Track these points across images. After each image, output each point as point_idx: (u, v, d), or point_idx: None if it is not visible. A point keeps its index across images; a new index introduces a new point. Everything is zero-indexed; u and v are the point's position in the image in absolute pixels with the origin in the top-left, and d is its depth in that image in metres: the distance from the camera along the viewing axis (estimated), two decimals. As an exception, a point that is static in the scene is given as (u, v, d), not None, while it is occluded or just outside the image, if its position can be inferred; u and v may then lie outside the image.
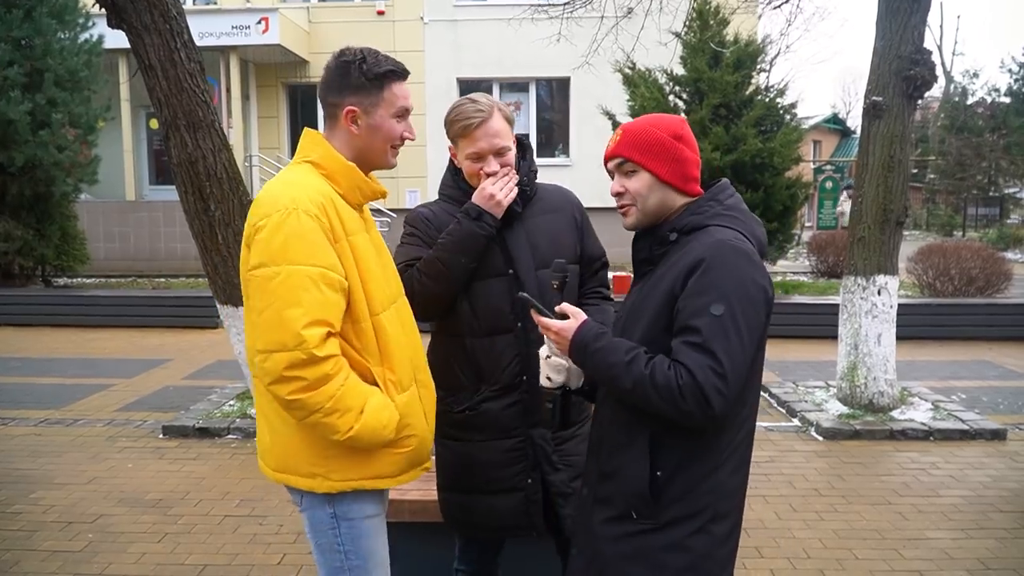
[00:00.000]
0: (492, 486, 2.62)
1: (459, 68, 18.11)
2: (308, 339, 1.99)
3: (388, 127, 2.21)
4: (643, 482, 1.96)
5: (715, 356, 1.80)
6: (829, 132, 37.79)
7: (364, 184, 2.23)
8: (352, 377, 2.10)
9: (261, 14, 16.59)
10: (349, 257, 2.12)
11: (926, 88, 6.36)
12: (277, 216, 2.04)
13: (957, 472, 5.35)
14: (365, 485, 2.21)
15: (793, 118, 12.45)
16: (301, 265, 2.02)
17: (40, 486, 5.07)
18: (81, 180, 13.71)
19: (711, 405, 1.79)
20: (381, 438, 2.14)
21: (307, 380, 2.01)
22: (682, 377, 1.81)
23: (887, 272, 6.46)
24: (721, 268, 1.87)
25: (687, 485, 1.95)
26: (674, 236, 2.03)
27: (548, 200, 2.71)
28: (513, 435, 2.60)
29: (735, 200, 2.08)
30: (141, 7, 5.07)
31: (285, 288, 2.01)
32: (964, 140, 31.89)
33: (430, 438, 2.40)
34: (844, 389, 6.64)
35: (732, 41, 11.76)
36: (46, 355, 9.30)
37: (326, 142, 2.22)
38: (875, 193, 6.41)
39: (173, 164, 5.54)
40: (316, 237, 2.05)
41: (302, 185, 2.12)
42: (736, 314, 1.83)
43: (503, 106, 2.59)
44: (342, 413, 2.06)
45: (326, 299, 2.04)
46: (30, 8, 12.54)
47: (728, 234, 1.95)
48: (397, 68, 2.20)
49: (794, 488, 5.08)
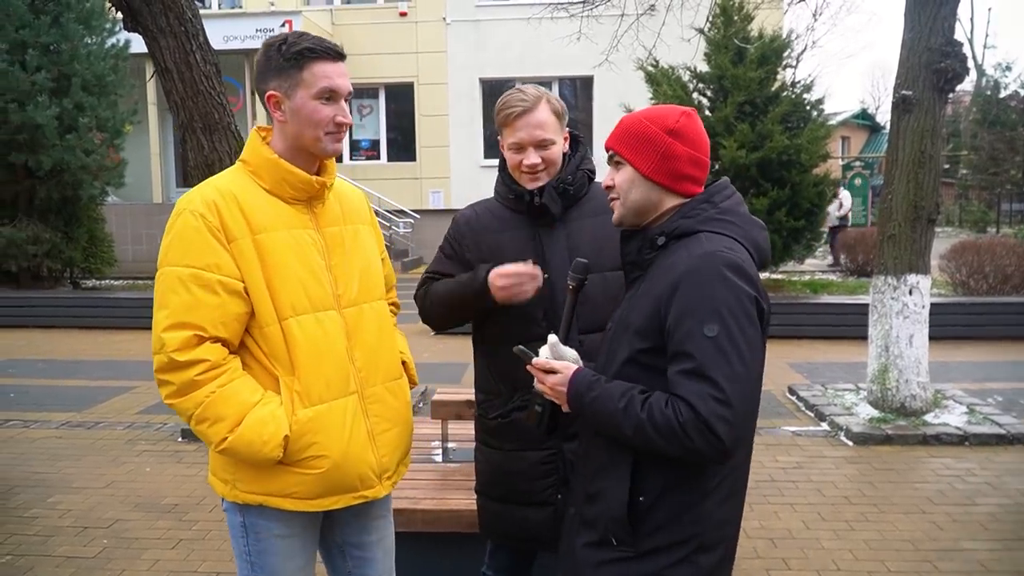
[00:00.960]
0: (524, 497, 2.54)
1: (482, 68, 18.07)
2: (167, 342, 1.93)
3: (311, 109, 2.04)
4: (622, 507, 1.84)
5: (715, 383, 1.67)
6: (858, 128, 37.29)
7: (291, 176, 2.08)
8: (233, 386, 1.99)
9: (285, 17, 16.66)
10: (250, 257, 2.01)
11: (957, 81, 6.18)
12: (172, 218, 2.03)
13: (994, 479, 5.17)
14: (271, 502, 2.09)
15: (820, 114, 12.24)
16: (174, 266, 1.98)
17: (58, 490, 5.05)
18: (108, 183, 13.85)
19: (719, 438, 1.66)
20: (262, 455, 1.99)
21: (175, 385, 1.95)
22: (682, 413, 1.68)
23: (919, 271, 6.28)
24: (710, 284, 1.73)
25: (671, 513, 1.82)
26: (662, 240, 1.90)
27: (600, 201, 2.53)
28: (545, 447, 2.50)
29: (732, 202, 1.93)
30: (156, 10, 5.03)
31: (160, 290, 1.99)
32: (997, 134, 31.32)
33: (375, 463, 2.20)
34: (875, 392, 6.47)
35: (757, 37, 11.58)
36: (71, 357, 9.35)
37: (256, 138, 2.14)
38: (905, 190, 6.24)
39: (190, 167, 5.50)
40: (196, 236, 1.98)
41: (207, 185, 2.07)
42: (733, 333, 1.69)
43: (555, 99, 2.50)
44: (212, 422, 1.97)
45: (196, 300, 1.95)
46: (58, 14, 12.70)
47: (718, 243, 1.81)
48: (317, 46, 2.04)
49: (823, 496, 4.93)
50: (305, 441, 2.04)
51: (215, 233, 1.98)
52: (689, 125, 1.90)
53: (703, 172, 1.94)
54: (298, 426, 2.03)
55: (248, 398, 1.99)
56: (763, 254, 1.92)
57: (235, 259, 2.00)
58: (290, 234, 2.08)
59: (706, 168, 1.94)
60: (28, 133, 12.23)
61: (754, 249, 1.88)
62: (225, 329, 1.99)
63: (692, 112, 1.93)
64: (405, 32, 18.09)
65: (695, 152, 1.91)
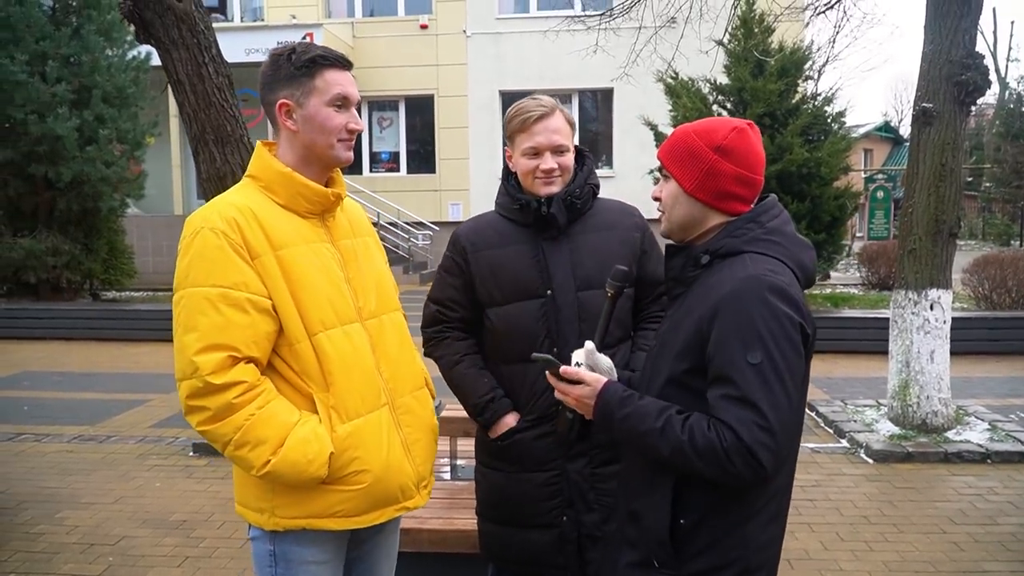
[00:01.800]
0: (527, 520, 2.49)
1: (502, 81, 18.08)
2: (201, 366, 1.86)
3: (324, 116, 2.03)
4: (664, 530, 1.81)
5: (759, 410, 1.64)
6: (881, 140, 37.07)
7: (305, 189, 2.06)
8: (271, 406, 1.93)
9: (306, 30, 16.74)
10: (274, 273, 1.97)
11: (979, 94, 6.08)
12: (188, 237, 1.96)
13: (1016, 498, 5.05)
14: (314, 524, 2.02)
15: (841, 127, 12.11)
16: (199, 287, 1.91)
17: (66, 505, 5.03)
18: (128, 195, 13.92)
19: (761, 464, 1.64)
20: (307, 475, 1.93)
21: (210, 410, 1.87)
22: (726, 439, 1.65)
23: (940, 286, 6.17)
24: (753, 308, 1.69)
25: (713, 536, 1.78)
26: (707, 259, 1.85)
27: (604, 216, 2.55)
28: (548, 468, 2.46)
29: (779, 222, 1.87)
30: (169, 22, 5.04)
31: (185, 312, 1.91)
32: (1020, 147, 31.07)
33: (413, 473, 2.17)
34: (895, 408, 6.35)
35: (777, 49, 11.50)
36: (87, 369, 9.38)
37: (265, 152, 2.10)
38: (926, 203, 6.14)
39: (202, 179, 5.51)
40: (220, 255, 1.91)
41: (220, 202, 2.01)
42: (776, 360, 1.67)
43: (566, 110, 2.49)
44: (253, 446, 1.89)
45: (226, 321, 1.89)
46: (78, 26, 12.79)
47: (762, 266, 1.76)
48: (328, 55, 2.06)
49: (842, 515, 4.83)
50: (347, 457, 2.00)
51: (238, 250, 1.93)
52: (739, 141, 1.84)
53: (751, 191, 1.87)
54: (339, 442, 1.99)
55: (287, 418, 1.94)
56: (809, 275, 1.87)
57: (260, 276, 1.95)
58: (309, 248, 2.05)
59: (756, 186, 1.88)
60: (48, 145, 12.30)
61: (799, 270, 1.84)
62: (257, 348, 1.94)
63: (745, 128, 1.86)
64: (425, 44, 18.15)
65: (743, 171, 1.84)
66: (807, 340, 1.75)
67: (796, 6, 8.80)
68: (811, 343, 1.78)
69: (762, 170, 1.88)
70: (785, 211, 1.92)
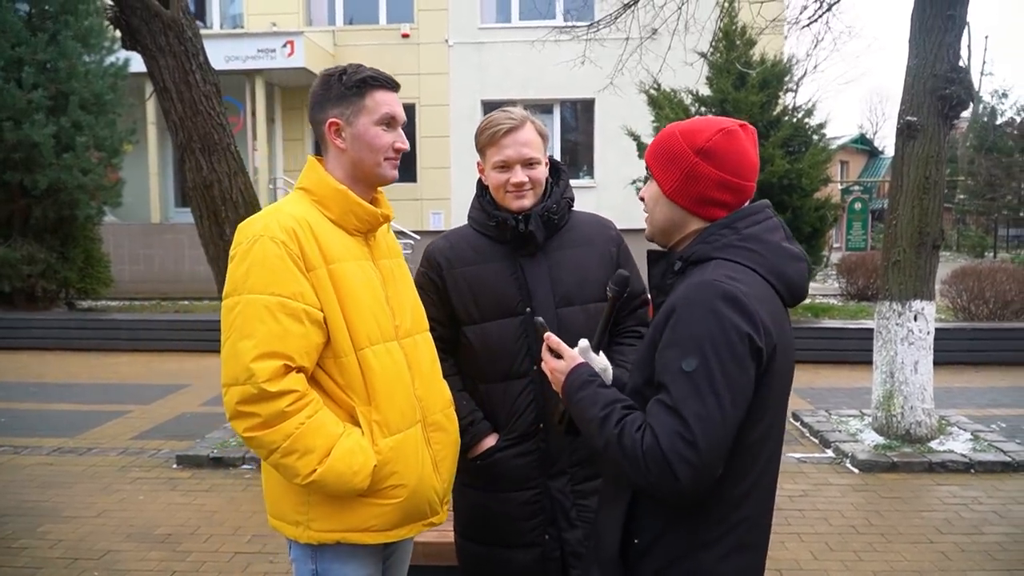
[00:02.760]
0: (509, 540, 2.46)
1: (484, 90, 18.07)
2: (257, 373, 1.87)
3: (373, 135, 2.09)
4: (615, 548, 1.74)
5: (683, 420, 1.54)
6: (857, 152, 37.46)
7: (358, 208, 2.10)
8: (319, 416, 1.94)
9: (287, 38, 16.64)
10: (327, 287, 2.00)
11: (962, 108, 6.17)
12: (246, 244, 1.97)
13: (1000, 507, 5.09)
14: (349, 538, 2.04)
15: (821, 138, 12.23)
16: (258, 294, 1.92)
17: (48, 519, 4.94)
18: (105, 203, 13.73)
19: (677, 478, 1.53)
20: (351, 486, 1.96)
21: (261, 416, 1.89)
22: (646, 442, 1.56)
23: (923, 297, 6.22)
24: (697, 314, 1.59)
25: (665, 560, 1.69)
26: (679, 265, 1.76)
27: (580, 231, 2.52)
28: (529, 487, 2.43)
29: (759, 229, 1.74)
30: (156, 29, 5.00)
31: (242, 319, 1.92)
32: (993, 160, 31.54)
33: (440, 489, 2.20)
34: (880, 419, 6.39)
35: (759, 61, 11.59)
36: (65, 380, 9.24)
37: (319, 167, 2.14)
38: (910, 215, 6.20)
39: (188, 188, 5.46)
40: (279, 264, 1.94)
41: (278, 211, 2.03)
42: (712, 370, 1.55)
43: (537, 121, 2.45)
44: (301, 454, 1.91)
45: (284, 330, 1.91)
46: (55, 31, 12.62)
47: (722, 271, 1.65)
48: (379, 76, 2.12)
49: (830, 525, 4.84)
50: (387, 471, 2.04)
51: (296, 261, 1.96)
52: (725, 144, 1.73)
53: (736, 197, 1.76)
54: (381, 456, 2.02)
55: (334, 429, 1.97)
56: (793, 287, 1.75)
57: (314, 288, 1.98)
58: (357, 265, 2.09)
59: (742, 192, 1.77)
60: (24, 152, 12.12)
61: (779, 281, 1.72)
62: (308, 359, 1.97)
63: (735, 129, 1.75)
64: (407, 53, 18.09)
65: (726, 176, 1.73)
66: (759, 354, 1.61)
67: (781, 19, 8.87)
68: (767, 357, 1.63)
69: (752, 175, 1.78)
70: (773, 219, 1.80)
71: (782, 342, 1.67)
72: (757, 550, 1.77)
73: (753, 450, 1.68)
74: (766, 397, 1.66)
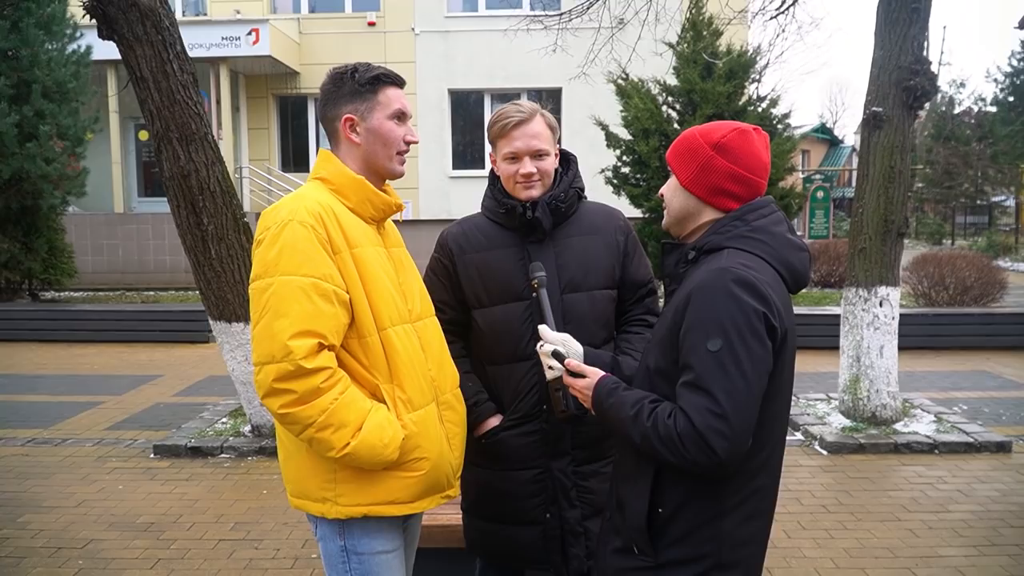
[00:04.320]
0: (513, 516, 2.55)
1: (451, 79, 18.05)
2: (295, 350, 1.94)
3: (387, 129, 2.20)
4: (642, 517, 1.88)
5: (712, 396, 1.69)
6: (817, 142, 37.96)
7: (375, 197, 2.21)
8: (350, 392, 2.03)
9: (251, 25, 16.48)
10: (351, 269, 2.09)
11: (926, 98, 6.32)
12: (275, 228, 2.04)
13: (964, 486, 5.27)
14: (375, 511, 2.12)
15: (786, 128, 12.42)
16: (291, 275, 1.99)
17: (28, 509, 4.92)
18: (69, 193, 13.56)
19: (714, 451, 1.68)
20: (382, 458, 2.05)
21: (297, 393, 1.96)
22: (680, 424, 1.71)
23: (888, 283, 6.39)
24: (716, 298, 1.75)
25: (688, 527, 1.84)
26: (692, 255, 1.93)
27: (588, 220, 2.61)
28: (532, 466, 2.53)
29: (767, 221, 1.91)
30: (133, 18, 4.96)
31: (276, 299, 1.99)
32: (951, 149, 32.08)
33: (454, 464, 2.31)
34: (846, 402, 6.57)
35: (725, 52, 11.73)
36: (33, 372, 9.13)
37: (335, 159, 2.22)
38: (876, 204, 6.35)
39: (165, 177, 5.42)
40: (309, 247, 2.02)
41: (304, 197, 2.11)
42: (735, 348, 1.70)
43: (548, 114, 2.55)
44: (336, 428, 1.99)
45: (317, 310, 1.99)
46: (17, 19, 12.40)
47: (736, 259, 1.82)
48: (390, 74, 2.23)
49: (802, 505, 4.99)
50: (412, 444, 2.13)
51: (324, 245, 2.04)
52: (737, 141, 1.90)
53: (747, 190, 1.92)
54: (407, 430, 2.11)
55: (364, 404, 2.05)
56: (797, 275, 1.91)
57: (340, 271, 2.06)
58: (374, 251, 2.18)
59: (752, 186, 1.93)
60: (-13, 141, 11.95)
61: (786, 270, 1.88)
62: (337, 338, 2.05)
63: (748, 131, 1.92)
64: (373, 42, 17.99)
65: (737, 168, 1.90)
66: (774, 332, 1.76)
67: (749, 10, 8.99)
68: (783, 338, 1.80)
69: (762, 173, 1.93)
70: (779, 213, 1.97)
71: (790, 326, 1.84)
72: (767, 516, 1.95)
73: (768, 425, 1.83)
74: (778, 376, 1.81)
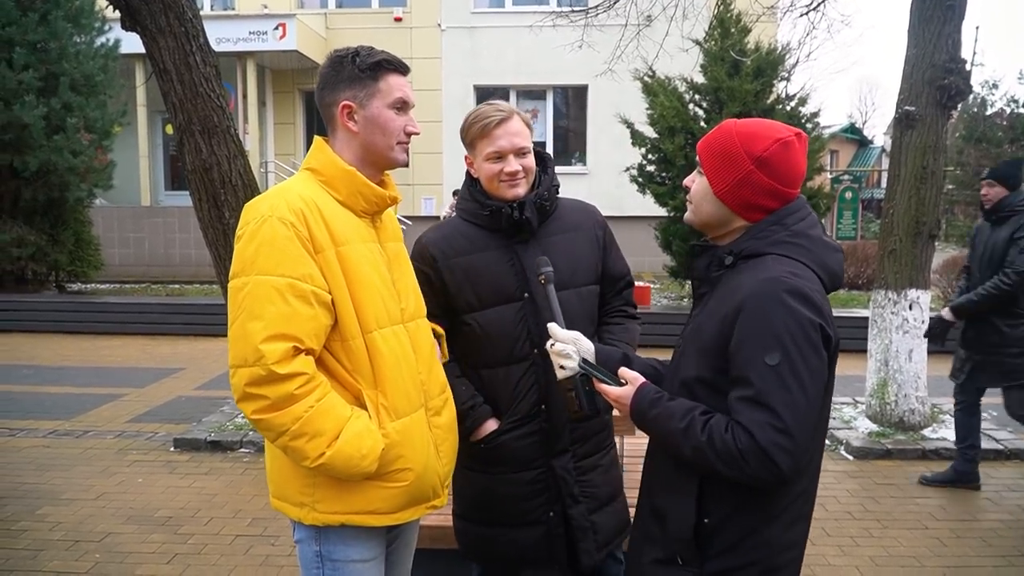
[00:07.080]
0: (514, 519, 2.52)
1: (476, 75, 18.02)
2: (267, 354, 1.85)
3: (386, 118, 2.08)
4: (689, 528, 1.84)
5: (774, 411, 1.65)
6: (846, 142, 37.52)
7: (366, 189, 2.09)
8: (328, 399, 1.94)
9: (278, 20, 16.55)
10: (335, 269, 1.98)
11: (960, 98, 6.19)
12: (254, 224, 1.94)
13: (994, 495, 5.15)
14: (354, 520, 2.04)
15: (815, 127, 12.24)
16: (267, 275, 1.90)
17: (47, 501, 4.94)
18: (96, 185, 13.66)
19: (778, 465, 1.65)
20: (359, 469, 1.95)
21: (269, 399, 1.87)
22: (741, 440, 1.67)
23: (919, 286, 6.27)
24: (772, 310, 1.69)
25: (737, 536, 1.80)
26: (730, 260, 1.85)
27: (568, 217, 2.60)
28: (533, 467, 2.50)
29: (804, 224, 1.85)
30: (156, 9, 4.94)
31: (251, 300, 1.90)
32: (983, 151, 31.55)
33: (442, 473, 2.21)
34: (874, 406, 6.45)
35: (753, 49, 11.57)
36: (57, 363, 9.20)
37: (327, 148, 2.12)
38: (907, 205, 6.23)
39: (187, 170, 5.41)
40: (288, 245, 1.92)
41: (286, 191, 2.01)
42: (794, 361, 1.66)
43: (522, 113, 2.52)
44: (310, 437, 1.90)
45: (293, 312, 1.89)
46: (45, 12, 12.49)
47: (783, 268, 1.75)
48: (392, 59, 2.12)
49: (826, 511, 4.89)
50: (394, 454, 2.03)
51: (304, 243, 1.94)
52: (781, 154, 1.80)
53: (780, 203, 1.85)
54: (388, 439, 2.01)
55: (343, 412, 1.95)
56: (835, 278, 1.86)
57: (322, 270, 1.97)
58: (365, 247, 2.08)
59: (787, 200, 1.85)
60: (14, 133, 12.04)
61: (824, 273, 1.83)
62: (316, 341, 1.95)
63: (791, 140, 1.82)
64: (399, 37, 17.98)
65: (778, 185, 1.82)
66: (829, 342, 1.73)
67: (778, 7, 8.85)
68: (833, 346, 1.76)
69: (798, 184, 1.86)
70: (813, 214, 1.90)
71: (835, 330, 1.78)
72: (808, 518, 1.92)
73: (815, 432, 1.79)
74: (827, 383, 1.78)
